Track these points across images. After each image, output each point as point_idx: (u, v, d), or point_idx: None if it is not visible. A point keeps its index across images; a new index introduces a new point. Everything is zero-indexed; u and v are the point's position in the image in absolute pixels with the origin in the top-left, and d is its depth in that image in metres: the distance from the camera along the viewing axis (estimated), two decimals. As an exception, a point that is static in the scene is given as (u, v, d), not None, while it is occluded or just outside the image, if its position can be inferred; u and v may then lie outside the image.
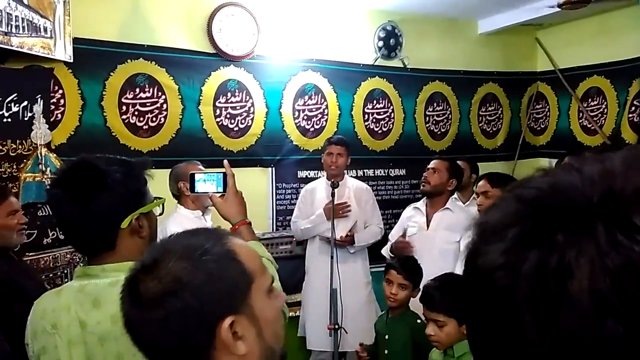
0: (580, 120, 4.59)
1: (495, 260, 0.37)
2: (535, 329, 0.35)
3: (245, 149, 3.88)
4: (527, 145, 4.99)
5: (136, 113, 3.51)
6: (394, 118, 4.48)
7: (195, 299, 0.76)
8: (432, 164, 3.29)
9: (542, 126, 4.97)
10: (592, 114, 4.47)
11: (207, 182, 1.54)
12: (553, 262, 0.34)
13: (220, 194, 1.50)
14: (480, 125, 4.85)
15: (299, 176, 4.08)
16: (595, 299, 0.33)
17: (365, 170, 4.35)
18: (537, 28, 4.81)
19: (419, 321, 2.36)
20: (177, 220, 2.73)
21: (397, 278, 2.45)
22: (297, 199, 3.77)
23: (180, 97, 3.66)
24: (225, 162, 1.55)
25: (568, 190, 0.36)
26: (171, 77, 3.63)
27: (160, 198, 1.34)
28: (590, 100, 4.50)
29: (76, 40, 3.19)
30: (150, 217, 1.26)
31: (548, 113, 4.92)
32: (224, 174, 1.50)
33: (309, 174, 4.08)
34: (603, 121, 4.38)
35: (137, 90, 3.52)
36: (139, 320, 0.79)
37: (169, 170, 3.06)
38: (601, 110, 4.41)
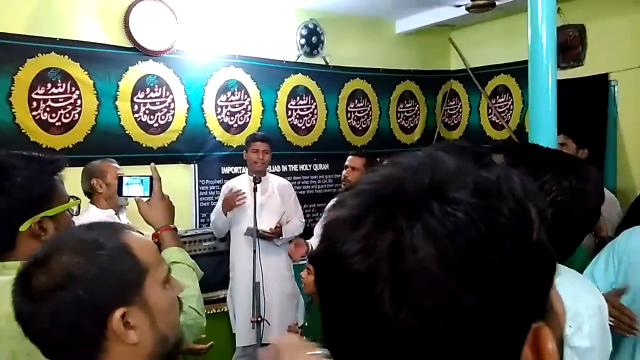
0: (490, 116, 4.91)
1: (352, 247, 0.41)
2: (393, 303, 0.39)
3: (166, 145, 3.82)
4: (442, 140, 5.25)
5: (48, 109, 3.37)
6: (317, 114, 4.57)
7: (86, 292, 0.79)
8: (350, 162, 3.41)
9: (455, 122, 5.26)
10: (499, 110, 4.79)
11: (134, 185, 1.53)
12: (404, 239, 0.39)
13: (147, 198, 1.50)
14: (399, 121, 5.05)
15: (222, 172, 4.08)
16: (441, 261, 0.39)
17: (289, 166, 4.42)
18: (451, 29, 5.07)
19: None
20: (87, 220, 2.62)
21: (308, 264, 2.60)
22: (221, 195, 3.78)
23: (95, 92, 3.54)
24: (152, 165, 1.55)
25: (398, 180, 0.43)
26: (85, 72, 3.51)
27: (76, 198, 1.33)
28: (498, 97, 4.81)
29: (-20, 33, 3.02)
30: (58, 219, 1.23)
31: (460, 109, 5.20)
32: (151, 178, 1.50)
33: (233, 170, 4.09)
34: (509, 117, 4.70)
35: (49, 85, 3.38)
36: (29, 312, 0.81)
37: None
38: (508, 106, 4.73)
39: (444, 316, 0.39)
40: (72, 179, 2.76)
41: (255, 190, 3.25)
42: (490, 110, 4.88)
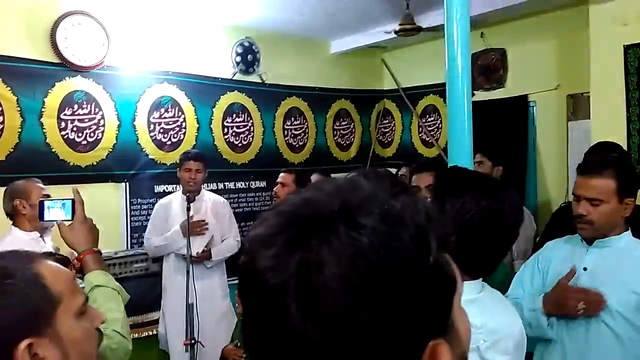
0: (420, 134, 5.10)
1: (267, 263, 0.45)
2: (300, 314, 0.43)
3: (95, 163, 3.71)
4: (377, 157, 5.40)
5: (-34, 126, 3.21)
6: (253, 132, 4.58)
7: None
8: (280, 179, 3.45)
9: (389, 139, 5.42)
10: (429, 128, 4.99)
11: (55, 209, 1.51)
12: (312, 258, 0.44)
13: (69, 222, 1.48)
14: (335, 138, 5.15)
15: (155, 191, 4.00)
16: (342, 280, 0.43)
17: (225, 183, 4.40)
18: (383, 50, 5.25)
19: None
20: (10, 243, 2.50)
21: None
22: (155, 214, 3.69)
23: (19, 109, 3.40)
24: (74, 188, 1.54)
25: (314, 204, 0.47)
26: (8, 88, 3.37)
27: None
28: (427, 116, 5.01)
29: None
30: None
31: (394, 127, 5.37)
32: (73, 201, 1.49)
33: (167, 188, 4.02)
34: (438, 135, 4.90)
35: (-33, 101, 3.22)
36: None
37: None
38: (437, 125, 4.94)
39: (342, 329, 0.43)
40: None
41: (188, 209, 3.20)
42: (420, 129, 5.07)
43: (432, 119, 4.97)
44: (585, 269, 1.85)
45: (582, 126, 3.78)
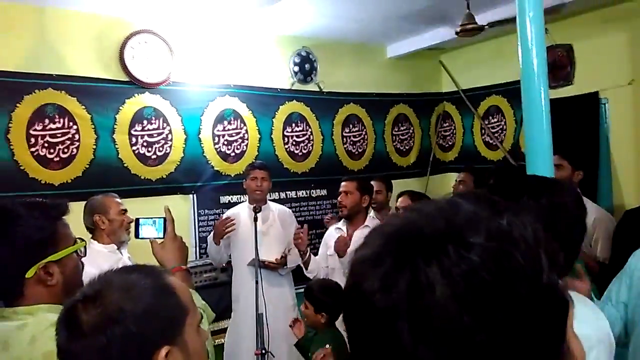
0: (483, 137, 4.96)
1: (375, 284, 0.45)
2: (411, 336, 0.42)
3: (164, 176, 3.83)
4: (438, 162, 5.30)
5: (46, 145, 3.38)
6: (313, 140, 4.60)
7: (136, 327, 0.81)
8: (343, 187, 3.38)
9: (450, 143, 5.31)
10: (492, 130, 4.84)
11: (148, 226, 1.59)
12: (422, 278, 0.43)
13: (161, 240, 1.54)
14: (394, 144, 5.10)
15: (221, 202, 4.08)
16: (456, 300, 0.41)
17: (287, 192, 4.43)
18: (441, 52, 5.15)
19: (328, 346, 2.40)
20: (90, 257, 2.59)
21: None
22: (220, 225, 3.75)
23: (93, 126, 3.56)
24: (166, 207, 1.60)
25: (418, 224, 0.46)
26: (83, 107, 3.53)
27: (82, 240, 1.36)
28: (490, 117, 4.87)
29: (-24, 72, 3.04)
30: (64, 263, 1.26)
31: (454, 131, 5.26)
32: (165, 219, 1.55)
33: (232, 199, 4.09)
34: (503, 137, 4.76)
35: (47, 121, 3.40)
36: (78, 348, 0.81)
37: (84, 202, 2.97)
38: (501, 126, 4.79)
39: (458, 352, 0.41)
40: (71, 214, 2.77)
41: (255, 219, 3.24)
42: (483, 131, 4.93)
43: (495, 120, 4.83)
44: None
45: (661, 122, 3.57)
